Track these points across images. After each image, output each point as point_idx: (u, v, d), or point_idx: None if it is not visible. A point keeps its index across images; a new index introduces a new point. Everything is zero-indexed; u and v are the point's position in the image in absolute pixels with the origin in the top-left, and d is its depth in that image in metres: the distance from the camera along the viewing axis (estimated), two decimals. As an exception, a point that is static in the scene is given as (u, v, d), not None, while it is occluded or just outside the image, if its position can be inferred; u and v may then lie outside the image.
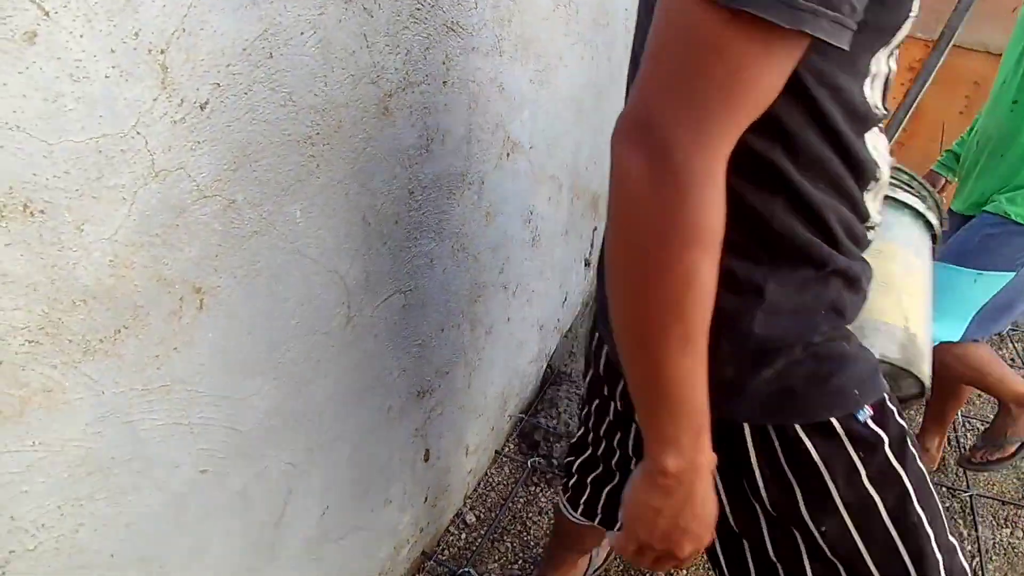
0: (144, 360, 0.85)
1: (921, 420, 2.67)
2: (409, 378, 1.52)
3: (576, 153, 2.41)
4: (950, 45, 3.25)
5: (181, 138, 0.82)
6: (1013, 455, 2.35)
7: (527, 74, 1.78)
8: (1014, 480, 2.70)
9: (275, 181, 0.97)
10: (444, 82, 1.34)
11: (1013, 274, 1.99)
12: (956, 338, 2.09)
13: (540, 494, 2.30)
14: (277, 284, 1.02)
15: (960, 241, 2.07)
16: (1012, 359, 3.56)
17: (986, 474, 2.70)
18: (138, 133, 0.78)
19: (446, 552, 2.08)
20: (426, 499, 1.85)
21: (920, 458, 0.96)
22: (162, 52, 0.78)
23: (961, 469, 2.66)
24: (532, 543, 2.12)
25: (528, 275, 2.18)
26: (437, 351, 1.63)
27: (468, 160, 1.53)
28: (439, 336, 1.61)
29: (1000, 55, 2.13)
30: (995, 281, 2.00)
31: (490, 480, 2.35)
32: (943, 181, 2.50)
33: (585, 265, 3.01)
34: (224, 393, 0.98)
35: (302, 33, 0.96)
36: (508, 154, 1.75)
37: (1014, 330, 3.80)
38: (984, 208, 2.06)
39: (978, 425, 2.96)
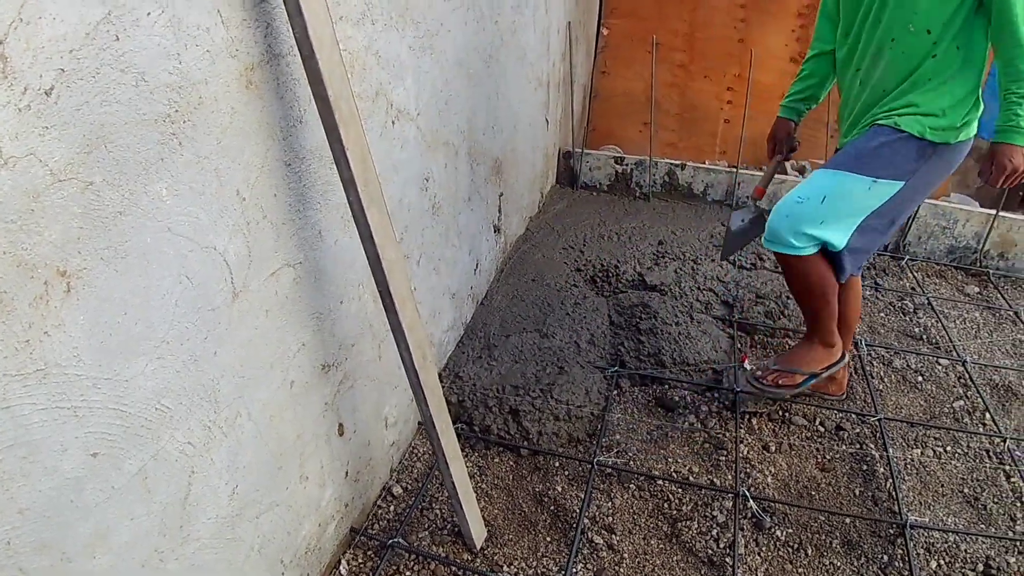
0: (14, 345, 0.85)
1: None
2: (311, 352, 1.54)
3: (471, 119, 2.44)
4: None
5: (28, 124, 0.82)
6: (797, 385, 2.49)
7: (406, 41, 1.79)
8: (921, 403, 2.85)
9: (135, 161, 0.97)
10: (312, 53, 1.35)
11: (903, 183, 2.10)
12: (842, 244, 2.20)
13: (466, 459, 2.34)
14: (149, 264, 1.03)
15: (855, 148, 2.15)
16: (913, 287, 3.74)
17: (794, 396, 2.84)
18: (-19, 122, 0.78)
19: (375, 526, 2.10)
20: (347, 474, 1.87)
21: None
22: (0, 43, 0.78)
23: (869, 396, 2.79)
24: (461, 506, 2.17)
25: (431, 243, 2.20)
26: (339, 323, 1.64)
27: (349, 130, 1.54)
28: (339, 308, 1.62)
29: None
30: (887, 189, 2.11)
31: (415, 451, 2.38)
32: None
33: (495, 231, 3.04)
34: (104, 375, 0.99)
35: (149, 13, 0.96)
36: (393, 121, 1.76)
37: (912, 259, 4.00)
38: (877, 122, 2.15)
39: (884, 354, 3.11)
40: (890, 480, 2.42)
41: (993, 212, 3.96)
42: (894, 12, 2.01)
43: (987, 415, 2.75)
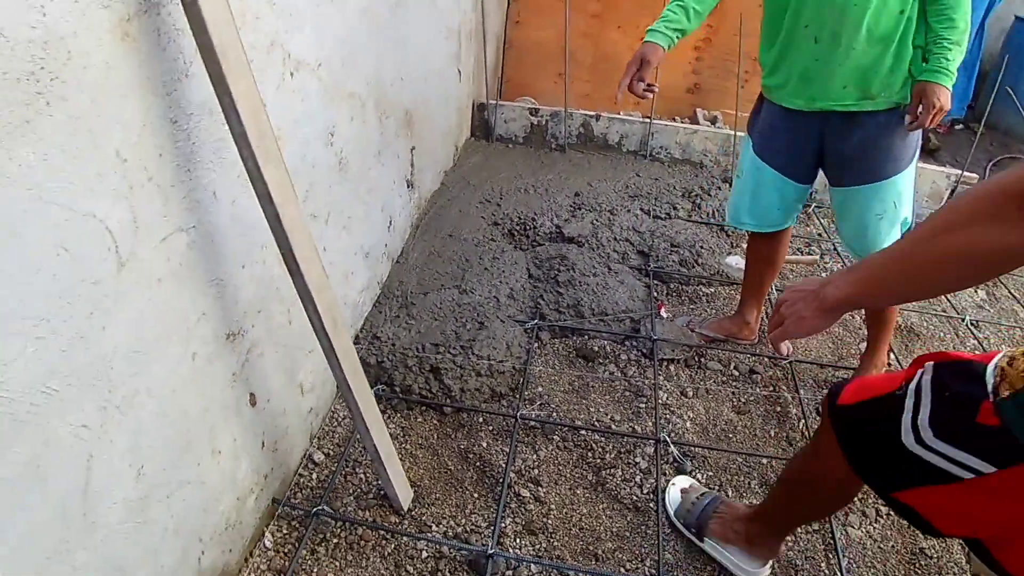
0: None
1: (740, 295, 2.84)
2: (212, 321, 1.45)
3: (378, 69, 2.34)
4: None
5: None
6: None
7: (303, -13, 1.70)
8: (829, 344, 2.93)
9: (-5, 123, 0.87)
10: (196, 0, 1.25)
11: (915, 154, 2.26)
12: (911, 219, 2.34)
13: (388, 421, 2.30)
14: (18, 236, 0.93)
15: (879, 153, 2.20)
16: (819, 234, 3.82)
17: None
18: None
19: (299, 495, 2.05)
20: (263, 444, 1.80)
21: None
22: None
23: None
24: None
25: (340, 201, 2.12)
26: (243, 289, 1.56)
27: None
28: (241, 273, 1.54)
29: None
30: (912, 166, 2.25)
31: (335, 416, 2.32)
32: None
33: (408, 187, 2.97)
34: (-25, 360, 0.90)
35: (5, -40, 0.86)
36: (292, 73, 1.67)
37: (818, 207, 4.08)
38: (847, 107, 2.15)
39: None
40: (803, 420, 2.49)
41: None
42: None
43: (891, 355, 2.84)
